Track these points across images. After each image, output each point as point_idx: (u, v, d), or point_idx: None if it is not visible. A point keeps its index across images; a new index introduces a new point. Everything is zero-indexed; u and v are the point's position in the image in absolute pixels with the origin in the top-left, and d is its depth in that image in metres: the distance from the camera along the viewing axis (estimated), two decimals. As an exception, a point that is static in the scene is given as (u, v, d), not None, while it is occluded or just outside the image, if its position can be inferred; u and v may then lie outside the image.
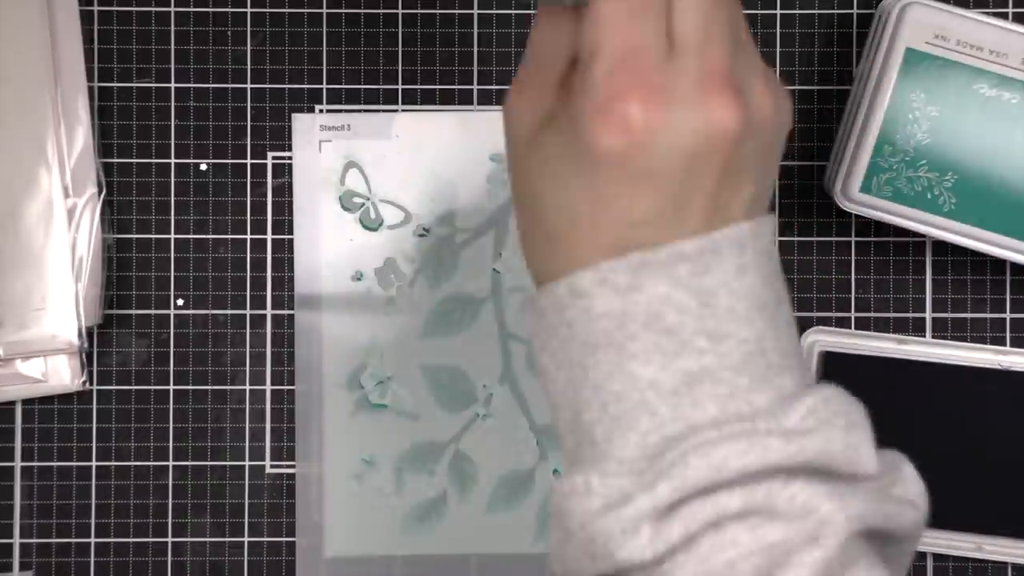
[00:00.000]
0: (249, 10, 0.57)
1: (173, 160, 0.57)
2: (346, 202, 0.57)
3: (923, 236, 0.56)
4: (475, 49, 0.57)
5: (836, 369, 0.55)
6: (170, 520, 0.56)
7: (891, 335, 0.55)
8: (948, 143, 0.52)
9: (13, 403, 0.56)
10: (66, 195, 0.55)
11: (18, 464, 0.56)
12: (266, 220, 0.57)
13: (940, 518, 0.55)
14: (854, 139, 0.52)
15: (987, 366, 0.55)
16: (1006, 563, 0.56)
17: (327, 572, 0.56)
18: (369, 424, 0.56)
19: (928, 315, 0.56)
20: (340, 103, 0.57)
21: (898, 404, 0.55)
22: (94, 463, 0.56)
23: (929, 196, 0.52)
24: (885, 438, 0.54)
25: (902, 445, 0.54)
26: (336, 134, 0.56)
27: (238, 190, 0.57)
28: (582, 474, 0.36)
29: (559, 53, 0.38)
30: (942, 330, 0.56)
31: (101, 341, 0.57)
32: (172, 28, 0.57)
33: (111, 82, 0.56)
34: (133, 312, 0.57)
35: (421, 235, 0.57)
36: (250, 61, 0.57)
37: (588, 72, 0.36)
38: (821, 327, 0.55)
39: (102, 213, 0.56)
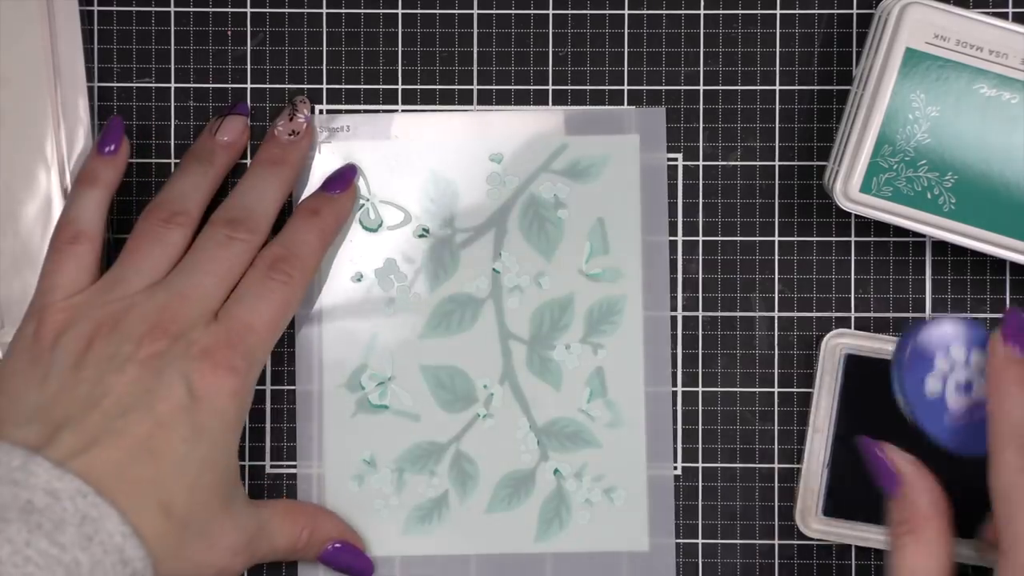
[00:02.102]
0: (249, 10, 0.57)
1: (173, 160, 0.57)
2: (346, 202, 0.56)
3: (923, 236, 0.56)
4: (475, 49, 0.57)
5: (858, 372, 0.55)
6: (170, 521, 0.56)
7: None
8: (948, 143, 0.52)
9: (12, 403, 0.56)
10: (65, 195, 0.55)
11: (17, 465, 0.56)
12: (266, 220, 0.56)
13: (959, 527, 0.54)
14: (854, 139, 0.52)
15: None
16: None
17: (327, 572, 0.56)
18: (369, 424, 0.56)
19: (928, 315, 0.56)
20: (340, 103, 0.57)
21: None
22: (94, 463, 0.56)
23: (929, 196, 0.52)
24: (905, 443, 0.53)
25: (921, 449, 0.54)
26: (336, 135, 0.56)
27: (238, 190, 0.57)
28: None
29: None
30: (942, 330, 0.56)
31: (101, 341, 0.56)
32: (172, 28, 0.57)
33: (111, 82, 0.56)
34: (133, 312, 0.56)
35: (421, 235, 0.56)
36: (250, 61, 0.57)
37: None
38: (844, 329, 0.55)
39: (102, 213, 0.56)
